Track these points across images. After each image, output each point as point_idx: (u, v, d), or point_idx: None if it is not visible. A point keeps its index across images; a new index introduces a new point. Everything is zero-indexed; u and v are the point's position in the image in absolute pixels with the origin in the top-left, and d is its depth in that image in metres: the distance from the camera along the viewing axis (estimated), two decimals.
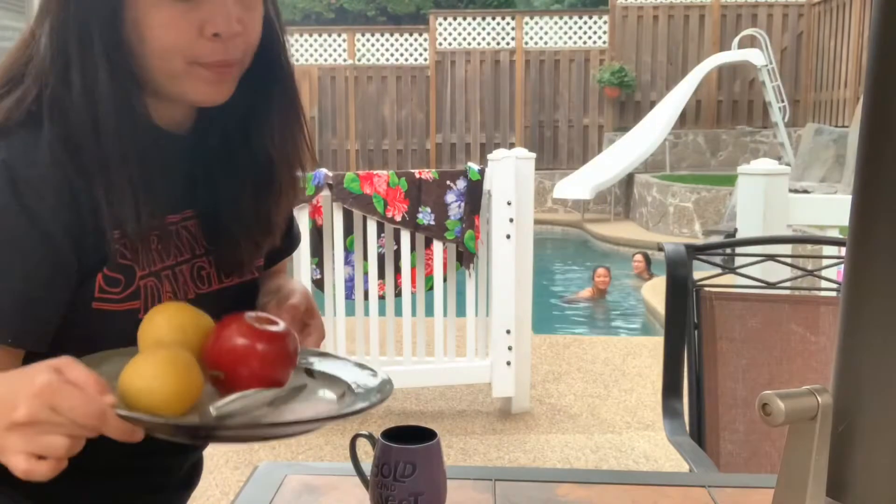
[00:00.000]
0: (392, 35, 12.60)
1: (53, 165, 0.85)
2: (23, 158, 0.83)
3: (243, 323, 0.83)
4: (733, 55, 11.09)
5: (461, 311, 3.81)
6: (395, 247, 3.66)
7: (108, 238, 0.87)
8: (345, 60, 12.43)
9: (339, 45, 12.46)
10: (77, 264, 0.86)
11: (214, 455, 3.22)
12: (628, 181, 11.00)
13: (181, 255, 0.96)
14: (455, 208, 3.61)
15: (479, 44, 12.51)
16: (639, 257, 7.84)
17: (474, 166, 3.68)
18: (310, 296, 1.06)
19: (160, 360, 0.76)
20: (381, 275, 3.67)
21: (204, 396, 0.79)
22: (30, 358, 0.81)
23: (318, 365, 0.96)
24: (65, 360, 0.73)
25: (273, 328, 0.84)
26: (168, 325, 0.82)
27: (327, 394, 0.92)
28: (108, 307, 0.87)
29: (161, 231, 0.93)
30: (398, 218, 3.57)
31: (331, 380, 0.95)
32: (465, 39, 12.51)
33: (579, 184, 10.23)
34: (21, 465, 0.69)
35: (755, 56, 10.75)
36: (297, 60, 12.39)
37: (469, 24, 12.53)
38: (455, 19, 12.64)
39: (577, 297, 7.27)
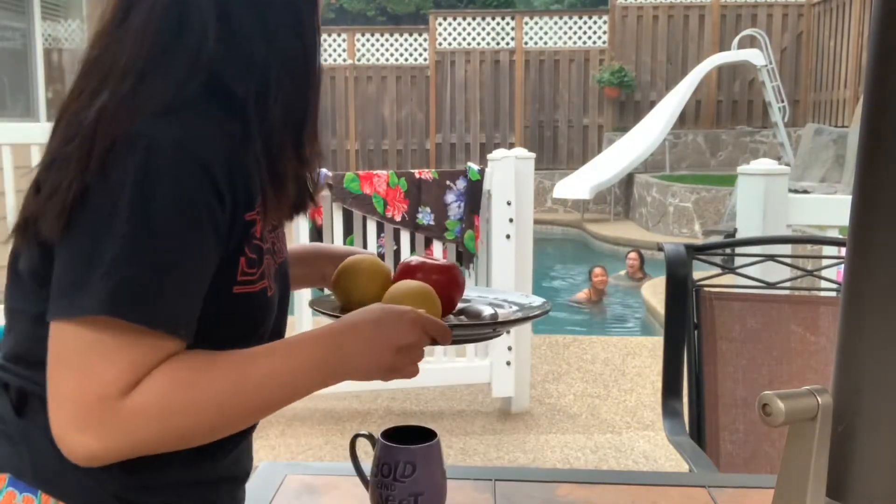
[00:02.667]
0: (392, 35, 12.60)
1: (223, 143, 0.84)
2: (198, 138, 0.82)
3: (423, 263, 1.04)
4: (733, 55, 11.09)
5: None
6: (395, 247, 3.66)
7: (255, 216, 0.87)
8: (345, 60, 12.43)
9: (339, 45, 12.46)
10: (223, 249, 0.84)
11: None
12: (628, 181, 11.00)
13: (268, 228, 0.95)
14: (455, 208, 3.61)
15: (478, 44, 12.51)
16: (633, 255, 7.78)
17: (474, 166, 3.68)
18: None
19: (423, 293, 0.97)
20: None
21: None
22: None
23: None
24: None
25: (442, 263, 1.06)
26: (369, 275, 1.03)
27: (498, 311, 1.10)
28: (246, 290, 0.87)
29: (282, 206, 0.93)
30: (398, 218, 3.57)
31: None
32: (464, 39, 12.51)
33: (579, 184, 10.23)
34: (414, 372, 0.88)
35: (755, 56, 10.75)
36: None
37: (469, 24, 12.53)
38: (455, 19, 12.64)
39: (576, 300, 7.25)
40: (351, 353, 0.85)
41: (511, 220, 3.63)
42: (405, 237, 3.61)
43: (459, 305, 1.07)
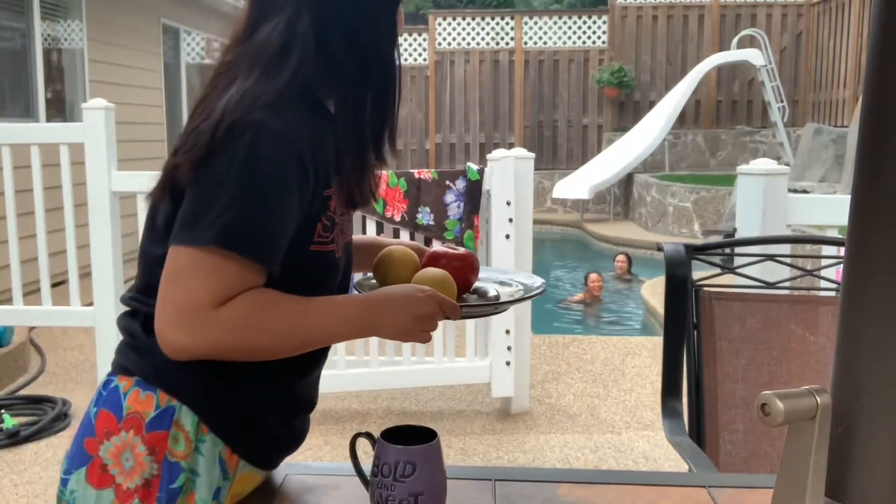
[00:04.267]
0: None
1: (311, 134, 1.07)
2: (293, 129, 1.05)
3: (446, 252, 1.26)
4: (733, 55, 11.09)
5: None
6: None
7: (331, 193, 1.10)
8: None
9: None
10: (304, 213, 1.07)
11: None
12: (627, 181, 11.00)
13: (344, 212, 1.17)
14: (454, 208, 3.61)
15: (478, 44, 12.51)
16: (621, 257, 7.89)
17: (474, 166, 3.68)
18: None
19: (443, 278, 1.16)
20: None
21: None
22: None
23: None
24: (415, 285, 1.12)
25: (461, 251, 1.27)
26: (403, 262, 1.24)
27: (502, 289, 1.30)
28: (320, 248, 1.11)
29: (357, 189, 1.16)
30: (397, 218, 3.57)
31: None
32: (464, 39, 12.52)
33: (578, 184, 10.23)
34: (427, 339, 1.10)
35: (754, 56, 10.76)
36: None
37: (469, 24, 12.53)
38: (454, 19, 12.65)
39: (572, 301, 7.24)
40: (382, 314, 1.08)
41: (510, 220, 3.63)
42: (405, 237, 3.61)
43: (475, 285, 1.29)
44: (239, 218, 1.01)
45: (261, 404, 1.15)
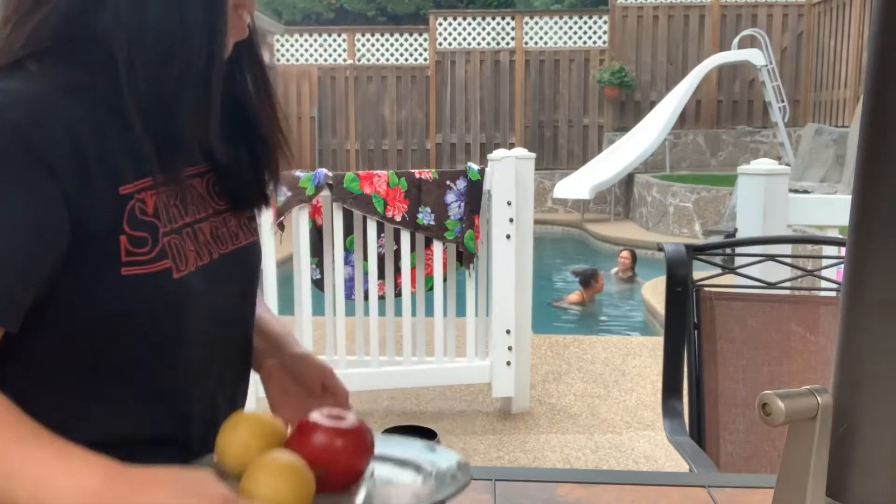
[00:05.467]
0: (392, 35, 12.60)
1: (61, 108, 0.77)
2: (25, 103, 0.75)
3: (323, 425, 0.85)
4: (733, 55, 11.09)
5: (461, 311, 3.81)
6: (395, 247, 3.66)
7: (132, 190, 0.81)
8: (345, 60, 12.44)
9: (339, 45, 12.46)
10: (78, 227, 0.77)
11: None
12: (628, 181, 10.99)
13: (198, 212, 0.90)
14: (455, 208, 3.61)
15: (479, 44, 12.51)
16: (625, 254, 7.84)
17: (474, 166, 3.68)
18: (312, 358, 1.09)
19: (282, 470, 0.78)
20: (381, 275, 3.67)
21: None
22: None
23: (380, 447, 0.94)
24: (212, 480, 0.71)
25: (348, 424, 0.87)
26: (252, 434, 0.83)
27: (405, 476, 0.94)
28: (138, 271, 0.80)
29: (179, 182, 0.86)
30: (398, 218, 3.57)
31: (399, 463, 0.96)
32: (465, 39, 12.51)
33: (579, 184, 10.23)
34: None
35: (755, 56, 10.75)
36: (297, 60, 12.42)
37: (469, 24, 12.53)
38: (455, 19, 12.64)
39: (568, 301, 7.22)
40: (137, 498, 0.67)
41: (511, 220, 3.63)
42: (405, 237, 3.61)
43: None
44: None
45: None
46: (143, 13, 0.79)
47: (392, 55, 12.52)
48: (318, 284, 3.67)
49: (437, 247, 3.66)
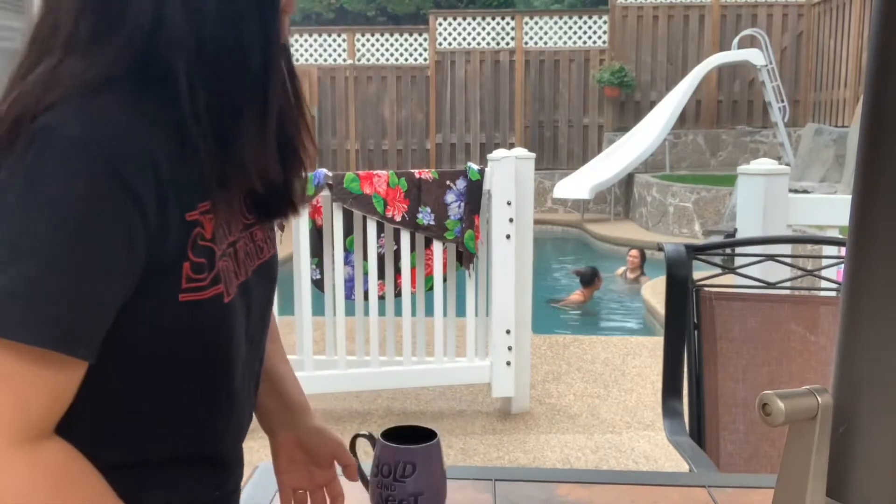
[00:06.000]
0: (392, 35, 12.60)
1: (143, 135, 0.76)
2: (107, 134, 0.73)
3: None
4: (733, 55, 11.09)
5: (461, 311, 3.81)
6: (395, 247, 3.66)
7: (198, 216, 0.79)
8: (345, 60, 12.43)
9: (339, 45, 12.45)
10: (150, 256, 0.76)
11: None
12: (628, 181, 10.99)
13: (236, 230, 0.88)
14: (455, 208, 3.61)
15: (478, 44, 12.50)
16: (634, 252, 7.73)
17: (474, 166, 3.68)
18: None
19: None
20: (381, 275, 3.67)
21: None
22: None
23: None
24: None
25: None
26: None
27: None
28: (195, 297, 0.79)
29: (234, 205, 0.84)
30: (398, 218, 3.57)
31: None
32: (464, 39, 12.51)
33: (579, 184, 10.23)
34: None
35: (755, 56, 10.75)
36: (297, 60, 12.40)
37: (469, 24, 12.52)
38: (455, 19, 12.64)
39: (569, 301, 7.21)
40: None
41: (511, 220, 3.63)
42: (405, 237, 3.61)
43: None
44: (5, 293, 0.67)
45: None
46: (201, 29, 0.78)
47: (392, 55, 12.52)
48: (318, 284, 3.67)
49: (437, 247, 3.66)
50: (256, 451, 1.29)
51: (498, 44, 12.50)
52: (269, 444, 1.10)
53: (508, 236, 3.64)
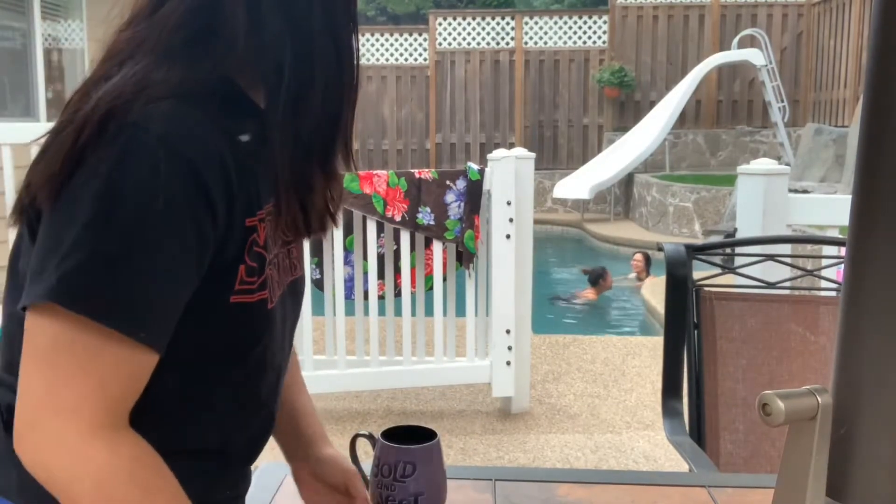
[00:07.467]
0: (392, 35, 12.60)
1: (217, 139, 0.78)
2: (189, 135, 0.76)
3: None
4: (733, 55, 11.09)
5: (461, 311, 3.81)
6: (395, 247, 3.66)
7: (256, 222, 0.82)
8: None
9: None
10: (213, 257, 0.78)
11: None
12: (628, 181, 11.00)
13: (279, 242, 0.90)
14: (455, 208, 3.61)
15: (478, 44, 12.51)
16: (638, 256, 7.76)
17: (474, 166, 3.68)
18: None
19: None
20: (381, 275, 3.67)
21: None
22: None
23: None
24: None
25: None
26: None
27: None
28: (244, 299, 0.81)
29: (293, 210, 0.87)
30: (398, 218, 3.57)
31: None
32: (464, 39, 12.51)
33: (579, 184, 10.23)
34: None
35: (755, 56, 10.75)
36: None
37: (469, 24, 12.53)
38: (455, 19, 12.64)
39: (582, 298, 7.22)
40: None
41: (511, 220, 3.63)
42: (405, 237, 3.61)
43: None
44: (84, 262, 0.70)
45: None
46: (296, 35, 0.82)
47: (392, 55, 12.52)
48: (317, 284, 3.67)
49: (437, 247, 3.66)
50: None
51: (498, 44, 12.51)
52: (292, 477, 1.13)
53: (508, 236, 3.64)
